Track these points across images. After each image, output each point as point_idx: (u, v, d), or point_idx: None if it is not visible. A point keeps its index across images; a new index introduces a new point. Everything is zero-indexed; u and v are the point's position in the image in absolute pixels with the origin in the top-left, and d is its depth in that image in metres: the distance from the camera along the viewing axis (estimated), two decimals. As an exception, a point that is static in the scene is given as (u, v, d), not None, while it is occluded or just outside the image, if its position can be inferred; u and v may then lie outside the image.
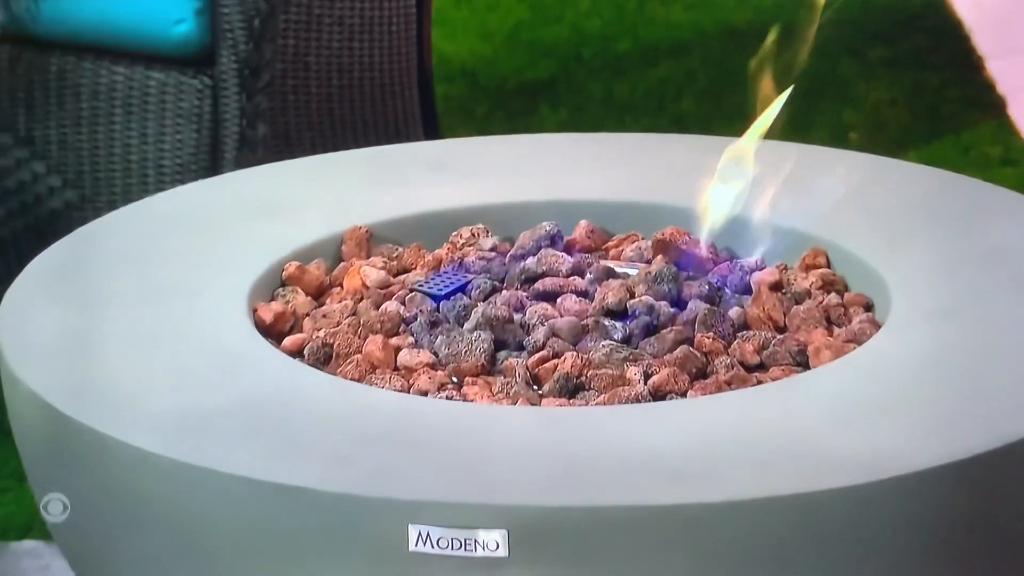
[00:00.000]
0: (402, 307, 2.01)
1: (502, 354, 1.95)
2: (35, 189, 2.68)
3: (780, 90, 2.11)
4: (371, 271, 2.08)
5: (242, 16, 2.56)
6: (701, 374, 1.92)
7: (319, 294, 2.07)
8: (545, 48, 3.51)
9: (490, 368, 1.94)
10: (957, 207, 2.19)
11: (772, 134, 2.14)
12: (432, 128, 2.92)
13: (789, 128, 2.16)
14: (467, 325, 1.97)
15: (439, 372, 1.93)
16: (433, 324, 1.98)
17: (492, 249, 2.13)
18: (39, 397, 1.88)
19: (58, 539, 2.01)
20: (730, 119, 2.15)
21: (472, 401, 1.89)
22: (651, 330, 1.97)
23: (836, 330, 2.00)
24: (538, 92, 3.37)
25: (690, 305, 1.99)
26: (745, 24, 3.55)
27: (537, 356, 1.93)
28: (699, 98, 2.76)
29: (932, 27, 3.44)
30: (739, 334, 1.97)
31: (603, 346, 1.93)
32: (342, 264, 2.12)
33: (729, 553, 1.74)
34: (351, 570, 1.76)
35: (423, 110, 2.90)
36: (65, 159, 2.66)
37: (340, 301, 2.05)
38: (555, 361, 1.92)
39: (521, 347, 1.96)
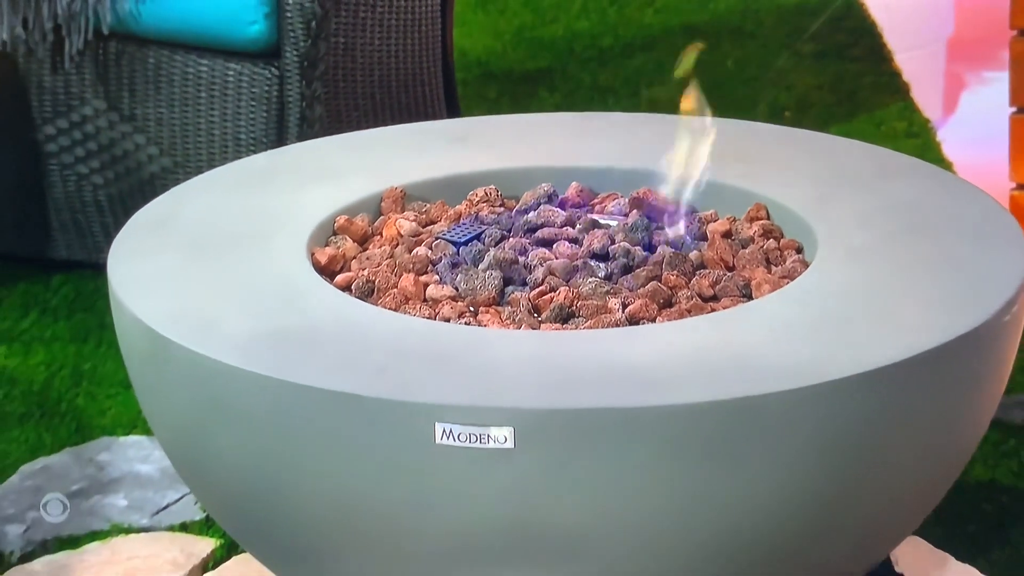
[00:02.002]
0: (429, 251, 2.01)
1: (509, 289, 1.95)
2: (137, 157, 2.67)
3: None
4: (405, 223, 2.08)
5: (302, 19, 2.55)
6: (667, 304, 1.92)
7: (363, 241, 2.08)
8: (544, 44, 3.50)
9: (500, 300, 1.94)
10: (870, 170, 2.19)
11: (722, 113, 2.13)
12: (453, 108, 2.91)
13: (736, 108, 2.16)
14: (481, 265, 1.97)
15: (459, 303, 1.93)
16: (454, 265, 1.98)
17: (502, 205, 2.14)
18: (141, 321, 1.88)
19: (157, 435, 2.01)
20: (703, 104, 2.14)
21: (485, 326, 1.89)
22: (628, 269, 1.97)
23: (774, 268, 2.00)
24: (538, 79, 3.36)
25: (659, 249, 1.99)
26: (703, 24, 3.54)
27: (537, 290, 1.94)
28: (666, 84, 2.74)
29: (852, 27, 3.43)
30: (697, 272, 1.97)
31: (590, 282, 1.94)
32: (381, 217, 2.12)
33: (689, 445, 1.75)
34: (389, 460, 1.77)
35: (446, 94, 2.88)
36: (161, 133, 2.66)
37: (380, 247, 2.05)
38: (551, 294, 1.92)
39: (524, 283, 1.96)
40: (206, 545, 2.10)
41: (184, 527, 2.15)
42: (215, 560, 2.08)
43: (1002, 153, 3.06)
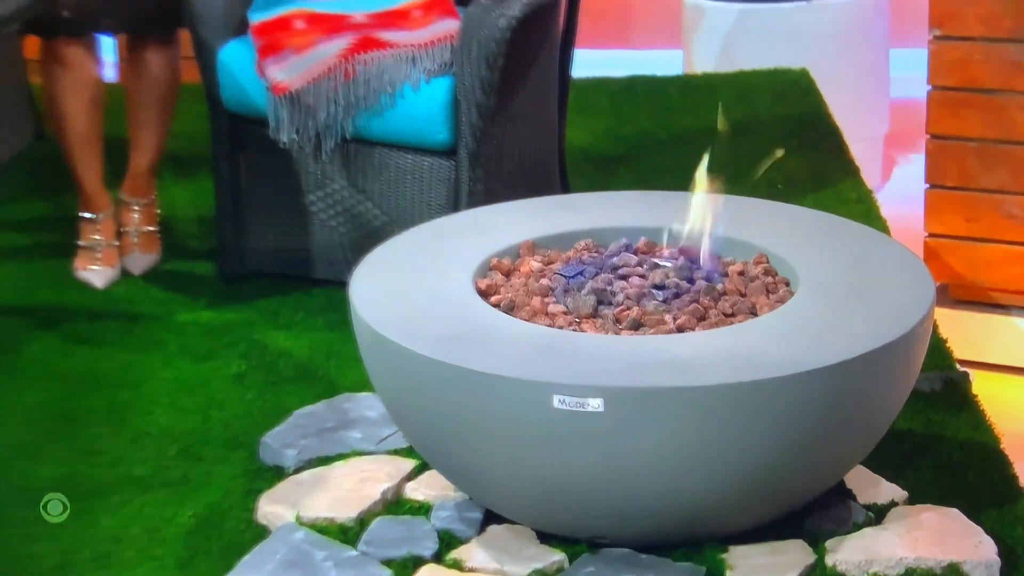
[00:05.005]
0: (550, 282, 1.99)
1: (601, 307, 1.93)
2: (367, 216, 2.66)
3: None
4: (534, 263, 2.06)
5: (470, 131, 2.54)
6: (702, 319, 1.90)
7: (508, 274, 2.06)
8: (622, 137, 3.45)
9: (595, 314, 1.92)
10: (829, 231, 2.12)
11: (736, 191, 2.09)
12: (565, 186, 2.86)
13: (745, 186, 2.11)
14: (583, 291, 1.95)
15: (569, 316, 1.92)
16: (566, 291, 1.96)
17: (596, 252, 2.11)
18: (367, 323, 1.89)
19: (378, 393, 2.00)
20: (725, 181, 2.10)
21: (586, 332, 1.88)
22: (677, 296, 1.95)
23: (771, 296, 1.97)
24: (619, 161, 3.32)
25: (697, 283, 1.97)
26: (732, 124, 3.46)
27: (619, 309, 1.92)
28: (700, 167, 2.65)
29: (821, 129, 3.36)
30: (721, 298, 1.95)
31: (652, 304, 1.92)
32: (519, 259, 2.10)
33: (715, 411, 1.73)
34: (522, 418, 1.76)
35: (561, 176, 2.84)
36: (382, 201, 2.64)
37: (519, 278, 2.03)
38: (628, 311, 1.91)
39: (610, 304, 1.94)
40: (409, 464, 2.09)
41: (396, 452, 2.14)
42: (415, 473, 2.07)
43: (920, 211, 3.02)
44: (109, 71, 3.73)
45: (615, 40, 4.34)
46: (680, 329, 1.87)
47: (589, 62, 2.88)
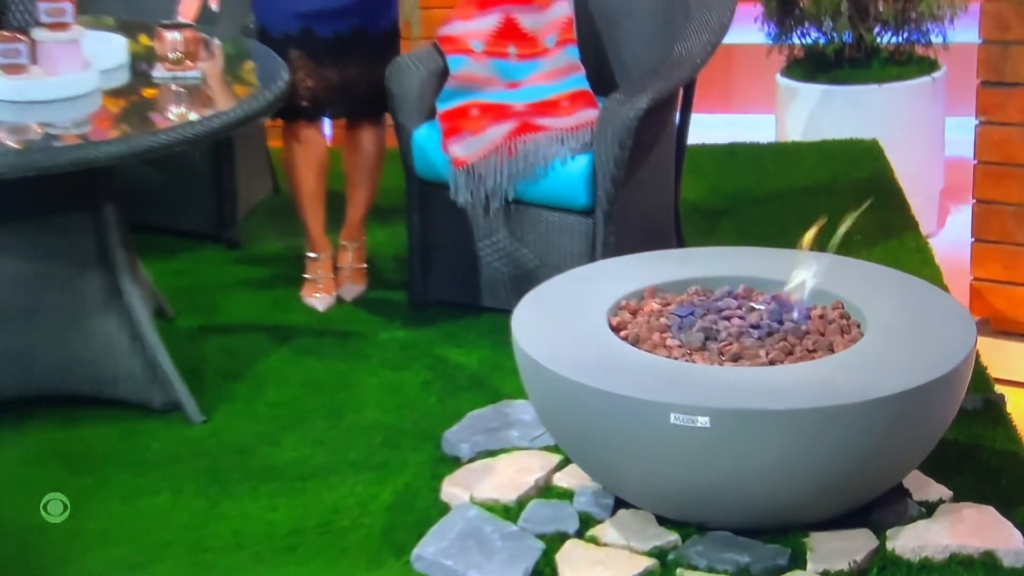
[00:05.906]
0: (667, 320, 1.98)
1: (708, 342, 1.92)
2: (525, 260, 2.64)
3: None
4: (654, 304, 2.04)
5: (604, 196, 2.53)
6: (790, 354, 1.89)
7: (634, 313, 2.04)
8: (726, 194, 3.39)
9: (703, 348, 1.92)
10: (890, 282, 2.09)
11: (817, 247, 2.06)
12: (680, 240, 2.82)
13: (826, 237, 2.07)
14: (694, 329, 1.94)
15: (682, 349, 1.91)
16: (680, 328, 1.96)
17: (704, 296, 2.11)
18: (525, 351, 1.91)
19: (531, 401, 2.00)
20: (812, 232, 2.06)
21: (695, 362, 1.88)
22: (770, 334, 1.93)
23: (845, 336, 1.94)
24: (722, 214, 3.26)
25: (786, 324, 1.95)
26: (808, 186, 3.37)
27: (722, 343, 1.91)
28: (793, 219, 2.57)
29: (887, 190, 3.29)
30: (805, 337, 1.93)
31: (749, 341, 1.91)
32: (643, 300, 2.08)
33: (801, 429, 1.72)
34: (644, 431, 1.76)
35: (676, 230, 2.81)
36: (535, 248, 2.63)
37: (642, 317, 2.02)
38: (730, 346, 1.90)
39: (716, 339, 1.93)
40: (556, 458, 2.08)
41: (546, 448, 2.13)
42: (560, 466, 2.07)
43: (968, 255, 2.96)
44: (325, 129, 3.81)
45: (718, 105, 4.31)
46: (772, 362, 1.87)
47: (696, 123, 2.82)
